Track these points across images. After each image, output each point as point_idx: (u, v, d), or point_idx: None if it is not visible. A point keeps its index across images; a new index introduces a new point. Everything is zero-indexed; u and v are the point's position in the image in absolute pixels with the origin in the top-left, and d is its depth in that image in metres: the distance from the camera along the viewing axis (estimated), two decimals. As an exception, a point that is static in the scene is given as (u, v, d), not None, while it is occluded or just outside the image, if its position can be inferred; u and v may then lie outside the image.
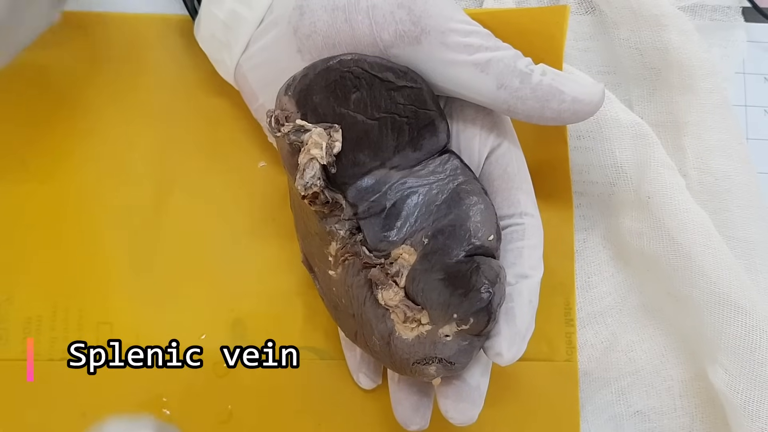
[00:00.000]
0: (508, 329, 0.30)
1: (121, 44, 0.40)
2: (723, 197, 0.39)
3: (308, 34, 0.32)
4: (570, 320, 0.40)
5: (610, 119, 0.38)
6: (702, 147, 0.40)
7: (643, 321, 0.40)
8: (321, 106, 0.31)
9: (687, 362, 0.40)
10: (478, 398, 0.32)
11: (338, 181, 0.31)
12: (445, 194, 0.31)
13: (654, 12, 0.39)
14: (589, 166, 0.40)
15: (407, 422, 0.34)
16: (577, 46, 0.43)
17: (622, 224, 0.40)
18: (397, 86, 0.31)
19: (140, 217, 0.39)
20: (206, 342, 0.38)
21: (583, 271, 0.41)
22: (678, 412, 0.40)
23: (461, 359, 0.30)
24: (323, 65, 0.31)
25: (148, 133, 0.40)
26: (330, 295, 0.34)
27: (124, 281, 0.39)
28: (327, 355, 0.39)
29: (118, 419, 0.38)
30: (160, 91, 0.40)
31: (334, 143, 0.30)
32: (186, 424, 0.38)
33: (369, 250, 0.31)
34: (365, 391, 0.38)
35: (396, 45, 0.31)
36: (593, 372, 0.40)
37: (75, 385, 0.37)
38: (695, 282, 0.36)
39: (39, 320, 0.38)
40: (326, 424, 0.38)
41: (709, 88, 0.40)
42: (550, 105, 0.31)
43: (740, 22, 0.44)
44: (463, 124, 0.33)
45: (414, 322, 0.31)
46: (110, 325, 0.38)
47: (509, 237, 0.32)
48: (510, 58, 0.31)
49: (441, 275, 0.30)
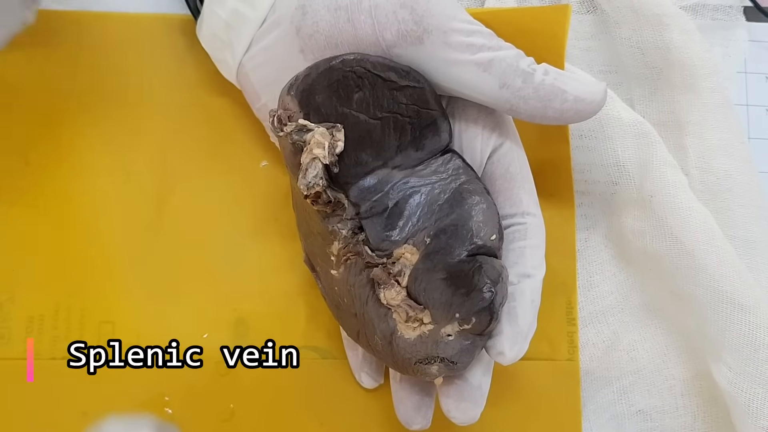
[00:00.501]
0: (510, 328, 0.30)
1: (123, 44, 0.40)
2: (725, 196, 0.39)
3: (311, 34, 0.32)
4: (572, 319, 0.40)
5: (612, 118, 0.38)
6: (704, 146, 0.40)
7: (645, 320, 0.40)
8: (323, 105, 0.31)
9: (689, 361, 0.40)
10: (480, 398, 0.32)
11: (341, 181, 0.31)
12: (448, 194, 0.31)
13: (655, 11, 0.39)
14: (591, 165, 0.40)
15: (409, 421, 0.34)
16: (579, 45, 0.43)
17: (624, 223, 0.40)
18: (400, 86, 0.31)
19: (142, 216, 0.39)
20: (208, 341, 0.38)
21: (585, 270, 0.41)
22: (680, 411, 0.40)
23: (463, 359, 0.30)
24: (326, 65, 0.31)
25: (150, 133, 0.40)
26: (332, 295, 0.34)
27: (126, 280, 0.39)
28: (329, 355, 0.39)
29: (119, 418, 0.38)
30: (162, 90, 0.40)
31: (337, 143, 0.30)
32: (188, 423, 0.38)
33: (371, 250, 0.31)
34: (367, 390, 0.38)
35: (398, 44, 0.31)
36: (595, 371, 0.40)
37: (77, 383, 0.37)
38: (698, 280, 0.36)
39: (41, 319, 0.38)
40: (328, 424, 0.38)
41: (711, 87, 0.40)
42: (552, 104, 0.31)
43: (742, 21, 0.44)
44: (466, 123, 0.33)
45: (416, 322, 0.31)
46: (112, 324, 0.38)
47: (511, 236, 0.32)
48: (512, 58, 0.31)
49: (443, 275, 0.30)
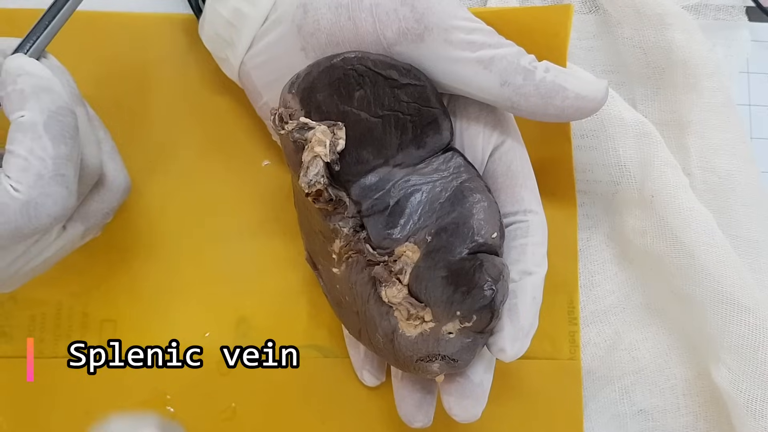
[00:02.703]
0: (511, 326, 0.30)
1: (125, 43, 0.40)
2: (726, 196, 0.39)
3: (312, 32, 0.32)
4: (573, 319, 0.40)
5: (614, 118, 0.38)
6: (706, 146, 0.40)
7: (646, 319, 0.40)
8: (324, 103, 0.31)
9: (690, 361, 0.40)
10: (482, 395, 0.32)
11: (342, 179, 0.31)
12: (449, 192, 0.31)
13: (658, 11, 0.39)
14: (593, 165, 0.40)
15: (411, 419, 0.34)
16: (581, 45, 0.43)
17: (626, 223, 0.40)
18: (401, 84, 0.31)
19: (144, 214, 0.39)
20: (210, 340, 0.38)
21: (587, 270, 0.41)
22: (681, 411, 0.39)
23: (464, 356, 0.30)
24: (327, 63, 0.31)
25: (151, 131, 0.40)
26: (334, 293, 0.34)
27: (127, 279, 0.39)
28: (331, 353, 0.39)
29: (121, 417, 0.38)
30: (164, 89, 0.40)
31: (338, 141, 0.30)
32: (189, 422, 0.38)
33: (372, 248, 0.31)
34: (369, 388, 0.38)
35: (399, 42, 0.31)
36: (596, 370, 0.40)
37: (78, 382, 0.38)
38: (699, 280, 0.36)
39: (43, 318, 0.38)
40: (330, 421, 0.38)
41: (713, 87, 0.40)
42: (553, 102, 0.31)
43: (744, 21, 0.44)
44: (467, 121, 0.33)
45: (417, 320, 0.31)
46: (114, 322, 0.38)
47: (513, 234, 0.32)
48: (513, 55, 0.31)
49: (444, 272, 0.30)
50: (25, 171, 0.27)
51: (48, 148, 0.27)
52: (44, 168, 0.27)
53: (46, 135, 0.27)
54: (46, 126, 0.27)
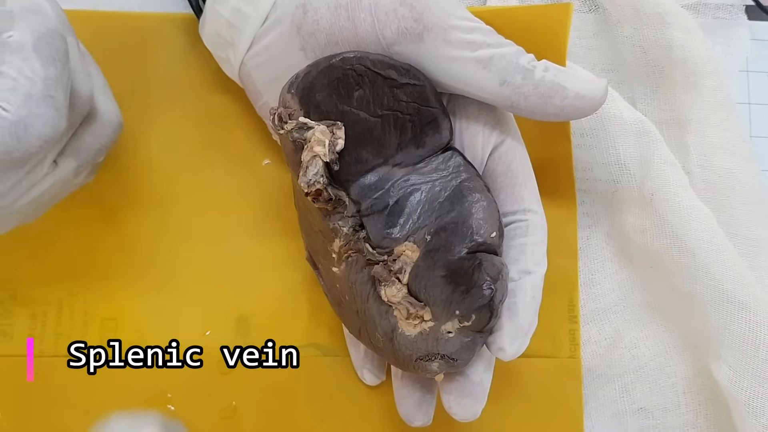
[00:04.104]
0: (510, 325, 0.30)
1: (125, 43, 0.40)
2: (726, 195, 0.39)
3: (311, 32, 0.32)
4: (573, 317, 0.40)
5: (614, 117, 0.38)
6: (705, 144, 0.40)
7: (646, 318, 0.40)
8: (324, 103, 0.31)
9: (691, 359, 0.40)
10: (481, 394, 0.32)
11: (341, 179, 0.31)
12: (448, 191, 0.31)
13: (657, 10, 0.39)
14: (593, 164, 0.40)
15: (411, 418, 0.34)
16: (581, 44, 0.43)
17: (626, 221, 0.40)
18: (400, 83, 0.31)
19: (145, 214, 0.39)
20: (210, 339, 0.38)
21: (587, 268, 0.41)
22: (682, 409, 0.39)
23: (464, 355, 0.30)
24: (326, 63, 0.31)
25: (152, 131, 0.40)
26: (334, 292, 0.34)
27: (128, 278, 0.39)
28: (331, 352, 0.39)
29: (122, 415, 0.38)
30: (164, 89, 0.40)
31: (337, 140, 0.31)
32: (190, 421, 0.38)
33: (372, 247, 0.31)
34: (369, 387, 0.38)
35: (398, 42, 0.31)
36: (597, 369, 0.40)
37: (79, 381, 0.38)
38: (699, 279, 0.36)
39: (44, 317, 0.38)
40: (331, 420, 0.38)
41: (713, 85, 0.40)
42: (552, 101, 0.31)
43: (743, 20, 0.44)
44: (466, 121, 0.33)
45: (417, 319, 0.31)
46: (115, 321, 0.38)
47: (513, 233, 0.32)
48: (512, 55, 0.31)
49: (443, 272, 0.30)
50: (14, 91, 0.26)
51: (37, 69, 0.26)
52: (33, 88, 0.26)
53: (35, 55, 0.26)
54: (35, 47, 0.27)
